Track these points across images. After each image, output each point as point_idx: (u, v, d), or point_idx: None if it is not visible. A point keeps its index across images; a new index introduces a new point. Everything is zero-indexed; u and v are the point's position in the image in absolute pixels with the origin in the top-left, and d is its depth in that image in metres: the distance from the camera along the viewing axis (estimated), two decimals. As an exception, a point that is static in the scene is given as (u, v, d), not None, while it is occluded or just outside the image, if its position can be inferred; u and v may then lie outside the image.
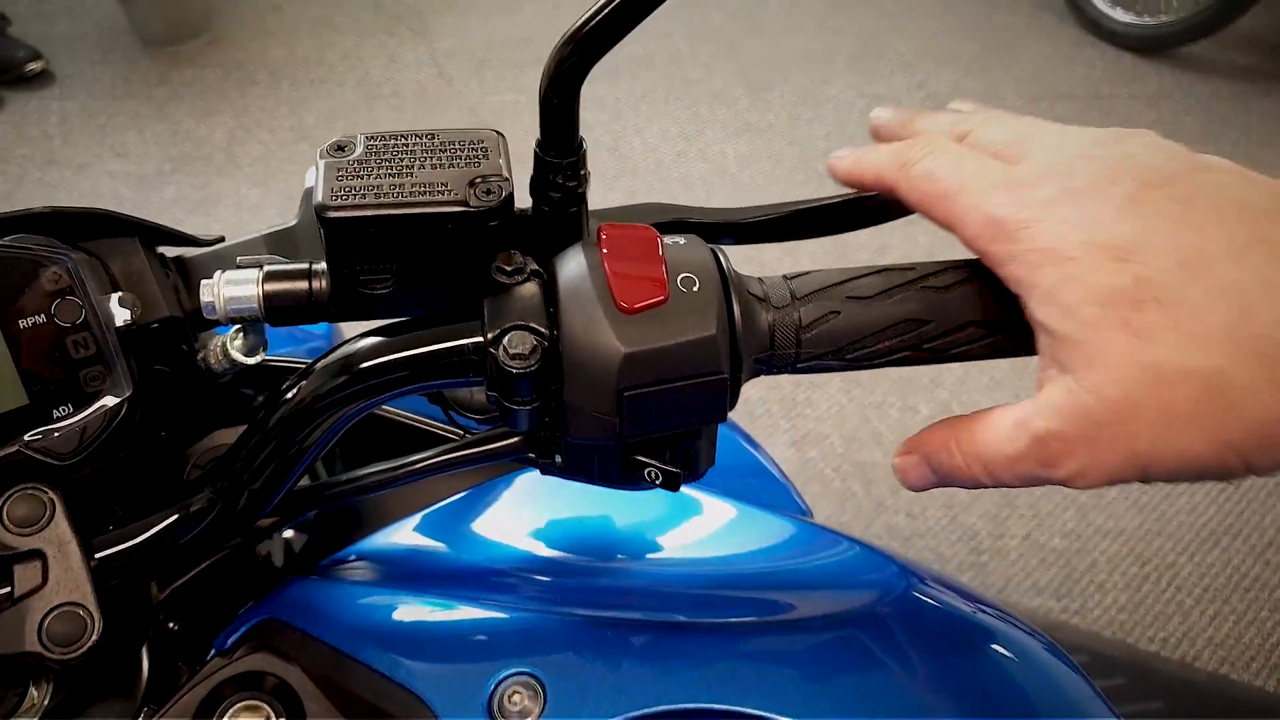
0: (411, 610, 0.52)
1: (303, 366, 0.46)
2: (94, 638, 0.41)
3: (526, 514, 0.59)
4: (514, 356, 0.40)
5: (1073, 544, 1.81)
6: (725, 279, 0.41)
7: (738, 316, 0.40)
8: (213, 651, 0.52)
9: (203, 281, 0.45)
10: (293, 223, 0.57)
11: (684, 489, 0.60)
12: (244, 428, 0.54)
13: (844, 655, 0.48)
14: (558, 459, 0.47)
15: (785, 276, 0.43)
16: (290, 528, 0.65)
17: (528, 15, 3.28)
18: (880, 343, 0.42)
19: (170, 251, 0.56)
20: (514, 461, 0.56)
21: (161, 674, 0.54)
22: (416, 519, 0.59)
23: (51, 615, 0.41)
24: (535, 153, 0.42)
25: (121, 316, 0.46)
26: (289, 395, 0.44)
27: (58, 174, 2.66)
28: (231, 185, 2.62)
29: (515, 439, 0.47)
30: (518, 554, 0.57)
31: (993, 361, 1.85)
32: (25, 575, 0.42)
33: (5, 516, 0.42)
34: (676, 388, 0.40)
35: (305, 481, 0.53)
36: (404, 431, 0.62)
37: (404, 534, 0.59)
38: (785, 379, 2.05)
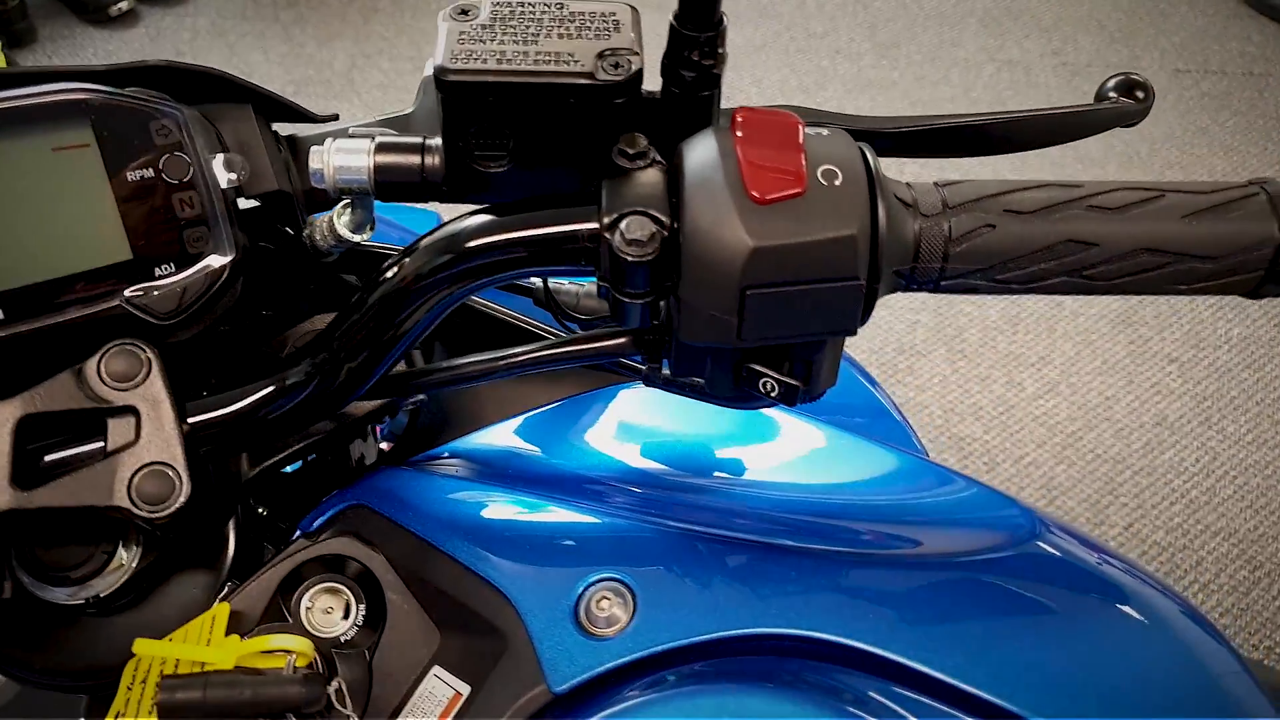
0: (503, 507, 0.50)
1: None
2: (181, 500, 0.40)
3: (626, 427, 0.57)
4: (630, 243, 0.37)
5: (1178, 539, 1.72)
6: (871, 176, 0.37)
7: (882, 219, 0.37)
8: (297, 533, 0.51)
9: (313, 148, 0.43)
10: (410, 109, 0.56)
11: (794, 414, 0.57)
12: (345, 312, 0.52)
13: (966, 597, 0.44)
14: (665, 366, 0.45)
15: (937, 183, 0.39)
16: (384, 427, 0.64)
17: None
18: (1036, 264, 0.38)
19: (284, 130, 0.55)
20: (618, 371, 0.54)
21: (247, 552, 0.53)
22: (514, 423, 0.58)
23: (141, 472, 0.41)
24: (671, 25, 0.39)
25: (226, 178, 0.45)
26: (391, 271, 0.43)
27: (185, 88, 2.73)
28: (348, 111, 2.64)
29: (622, 340, 0.45)
30: (615, 464, 0.55)
31: (1107, 343, 1.77)
32: (118, 430, 0.41)
33: (102, 370, 0.41)
34: (806, 290, 0.36)
35: (403, 367, 0.52)
36: (507, 329, 0.60)
37: (499, 435, 0.57)
38: (889, 343, 1.99)
